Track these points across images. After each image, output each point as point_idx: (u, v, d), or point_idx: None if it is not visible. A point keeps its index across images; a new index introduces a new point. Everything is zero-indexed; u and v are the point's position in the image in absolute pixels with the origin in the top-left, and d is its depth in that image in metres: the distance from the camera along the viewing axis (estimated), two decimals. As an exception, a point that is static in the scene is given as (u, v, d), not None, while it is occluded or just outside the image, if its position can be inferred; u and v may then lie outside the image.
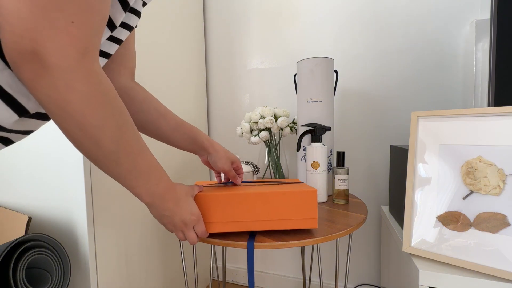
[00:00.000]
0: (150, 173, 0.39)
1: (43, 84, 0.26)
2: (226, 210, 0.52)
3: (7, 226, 0.69)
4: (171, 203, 0.43)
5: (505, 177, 0.48)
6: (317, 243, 0.66)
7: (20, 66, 0.25)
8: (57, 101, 0.27)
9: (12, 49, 0.24)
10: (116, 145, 0.33)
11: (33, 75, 0.26)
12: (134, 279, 0.84)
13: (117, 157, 0.34)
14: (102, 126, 0.31)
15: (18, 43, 0.24)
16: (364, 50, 1.04)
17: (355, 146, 1.08)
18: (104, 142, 0.32)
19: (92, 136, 0.31)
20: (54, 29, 0.24)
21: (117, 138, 0.33)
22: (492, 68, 0.61)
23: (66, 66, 0.26)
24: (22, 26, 0.23)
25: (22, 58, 0.25)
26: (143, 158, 0.37)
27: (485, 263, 0.47)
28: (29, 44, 0.24)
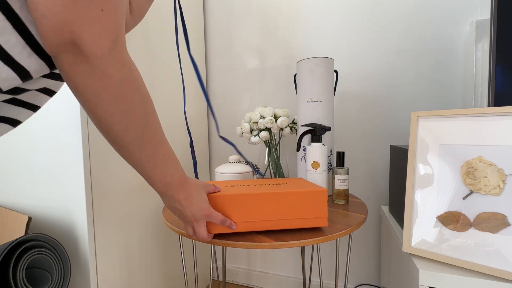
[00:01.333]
0: (167, 163, 0.40)
1: (81, 71, 0.28)
2: (239, 211, 0.52)
3: (7, 226, 0.69)
4: (182, 195, 0.44)
5: (505, 177, 0.48)
6: (317, 243, 0.66)
7: (59, 56, 0.27)
8: (94, 87, 0.29)
9: (51, 41, 0.26)
10: (142, 131, 0.35)
11: (71, 63, 0.27)
12: (134, 279, 0.84)
13: (141, 143, 0.35)
14: (132, 112, 0.33)
15: (57, 35, 0.26)
16: (364, 50, 1.04)
17: (355, 146, 1.08)
18: (132, 127, 0.33)
19: (122, 121, 0.32)
20: (87, 19, 0.26)
21: (144, 125, 0.34)
22: (492, 68, 0.61)
23: (101, 54, 0.28)
24: (58, 19, 0.25)
25: (61, 49, 0.26)
26: (163, 147, 0.39)
27: (485, 263, 0.47)
28: (67, 35, 0.26)
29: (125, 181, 0.80)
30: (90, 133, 0.68)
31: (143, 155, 0.37)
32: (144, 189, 0.88)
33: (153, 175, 0.40)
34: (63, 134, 0.67)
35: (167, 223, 0.63)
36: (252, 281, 1.29)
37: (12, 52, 0.27)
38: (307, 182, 0.69)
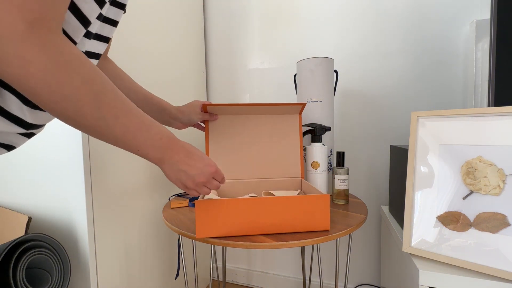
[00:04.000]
0: (148, 129, 0.38)
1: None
2: (241, 215, 0.53)
3: (7, 226, 0.69)
4: (182, 154, 0.42)
5: (505, 177, 0.48)
6: (317, 243, 0.66)
7: None
8: (17, 76, 0.26)
9: None
10: (99, 111, 0.32)
11: None
12: (134, 279, 0.84)
13: (106, 123, 0.33)
14: (76, 96, 0.30)
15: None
16: (364, 50, 1.04)
17: (355, 146, 1.08)
18: (86, 110, 0.31)
19: (69, 107, 0.30)
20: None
21: (98, 105, 0.32)
22: (492, 68, 0.61)
23: (14, 38, 0.24)
24: None
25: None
26: (134, 116, 0.36)
27: (485, 263, 0.47)
28: None
29: (125, 181, 0.80)
30: (90, 133, 0.68)
31: (116, 132, 0.35)
32: (144, 189, 0.88)
33: (139, 146, 0.38)
34: (63, 134, 0.67)
35: (167, 223, 0.63)
36: (252, 281, 1.29)
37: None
38: (308, 185, 0.69)
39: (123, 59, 0.79)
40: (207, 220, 0.52)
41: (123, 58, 0.79)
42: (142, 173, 0.87)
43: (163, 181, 0.98)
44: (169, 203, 0.79)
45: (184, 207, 0.75)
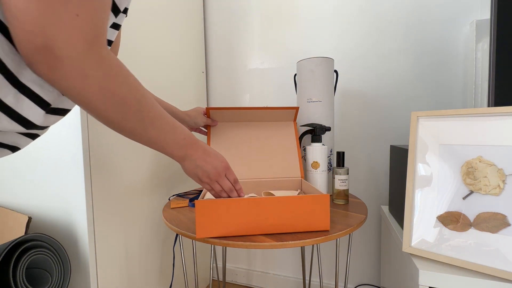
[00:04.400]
0: (175, 130, 0.44)
1: (58, 75, 0.28)
2: (242, 215, 0.53)
3: (7, 226, 0.69)
4: (200, 152, 0.49)
5: (505, 177, 0.48)
6: (317, 243, 0.66)
7: (34, 62, 0.27)
8: (76, 90, 0.30)
9: (25, 46, 0.26)
10: (140, 115, 0.37)
11: (47, 68, 0.27)
12: (134, 279, 0.84)
13: (143, 125, 0.38)
14: (124, 103, 0.34)
15: (30, 40, 0.25)
16: (364, 50, 1.04)
17: (355, 146, 1.08)
18: (130, 115, 0.36)
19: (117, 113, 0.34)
20: (60, 23, 0.26)
21: (140, 110, 0.37)
22: (492, 68, 0.61)
23: (76, 56, 0.28)
24: (31, 23, 0.25)
25: (35, 53, 0.26)
26: (165, 118, 0.42)
27: (485, 263, 0.47)
28: (40, 40, 0.25)
29: (125, 181, 0.80)
30: (90, 134, 0.68)
31: (150, 133, 0.40)
32: (144, 189, 0.88)
33: (167, 145, 0.43)
34: (63, 134, 0.67)
35: (167, 223, 0.63)
36: (252, 281, 1.29)
37: None
38: (308, 185, 0.69)
39: (122, 60, 0.79)
40: (207, 220, 0.52)
41: (123, 59, 0.79)
42: (142, 173, 0.87)
43: (163, 181, 0.98)
44: (169, 203, 0.79)
45: (184, 207, 0.75)
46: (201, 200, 0.52)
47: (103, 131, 0.72)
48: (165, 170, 0.99)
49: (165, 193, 0.99)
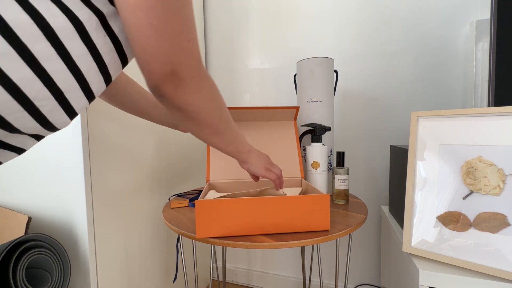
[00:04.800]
0: (240, 133, 0.54)
1: (181, 92, 0.35)
2: (242, 215, 0.53)
3: (7, 226, 0.69)
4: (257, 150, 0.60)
5: (505, 177, 0.48)
6: (317, 243, 0.66)
7: (161, 85, 0.33)
8: (194, 100, 0.37)
9: (157, 75, 0.32)
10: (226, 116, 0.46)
11: (173, 88, 0.34)
12: (134, 279, 0.84)
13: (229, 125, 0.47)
14: (219, 105, 0.42)
15: (162, 69, 0.31)
16: (364, 50, 1.04)
17: (355, 146, 1.08)
18: (223, 116, 0.44)
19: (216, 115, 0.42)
20: (181, 50, 0.32)
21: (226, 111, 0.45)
22: (492, 68, 0.61)
23: (193, 75, 0.34)
24: (163, 56, 0.31)
25: (164, 78, 0.32)
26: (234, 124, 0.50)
27: (485, 263, 0.47)
28: (169, 67, 0.32)
29: (125, 181, 0.80)
30: (90, 133, 0.68)
31: (232, 133, 0.49)
32: (144, 189, 0.88)
33: (239, 143, 0.53)
34: (63, 134, 0.67)
35: (167, 223, 0.63)
36: (252, 281, 1.29)
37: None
38: (308, 185, 0.69)
39: (123, 59, 0.79)
40: (207, 220, 0.52)
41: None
42: (142, 173, 0.87)
43: (163, 181, 0.98)
44: (169, 203, 0.79)
45: (184, 207, 0.75)
46: (201, 200, 0.52)
47: (103, 131, 0.72)
48: (165, 170, 0.99)
49: (165, 193, 0.99)
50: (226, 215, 0.52)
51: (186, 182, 1.12)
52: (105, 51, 0.31)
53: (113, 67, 0.33)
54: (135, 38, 0.30)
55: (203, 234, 0.53)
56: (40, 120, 0.30)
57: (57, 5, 0.26)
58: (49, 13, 0.25)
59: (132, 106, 0.62)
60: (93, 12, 0.29)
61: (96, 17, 0.29)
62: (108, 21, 0.30)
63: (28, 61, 0.25)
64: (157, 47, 0.30)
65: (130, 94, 0.60)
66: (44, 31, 0.26)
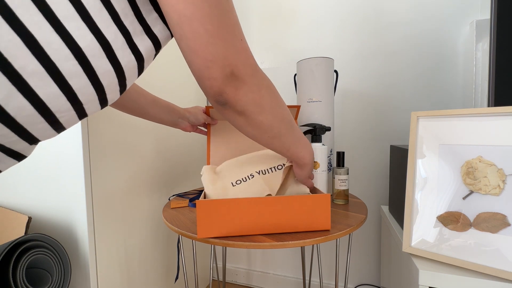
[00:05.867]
0: (304, 136, 0.52)
1: (243, 92, 0.35)
2: (242, 214, 0.53)
3: (7, 226, 0.69)
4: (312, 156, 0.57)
5: (505, 177, 0.48)
6: (317, 243, 0.66)
7: (224, 90, 0.33)
8: (255, 99, 0.36)
9: (219, 80, 0.32)
10: (288, 115, 0.44)
11: (235, 90, 0.34)
12: (134, 279, 0.84)
13: (291, 125, 0.45)
14: (280, 103, 0.41)
15: (223, 73, 0.32)
16: (364, 50, 1.04)
17: (355, 146, 1.08)
18: (285, 115, 0.43)
19: (278, 114, 0.41)
20: (237, 50, 0.32)
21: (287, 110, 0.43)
22: (492, 68, 0.61)
23: (252, 72, 0.35)
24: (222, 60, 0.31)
25: (226, 82, 0.33)
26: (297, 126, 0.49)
27: (485, 263, 0.47)
28: (229, 69, 0.32)
29: (125, 181, 0.80)
30: (90, 133, 0.68)
31: (295, 135, 0.47)
32: (144, 189, 0.88)
33: (303, 149, 0.51)
34: (63, 134, 0.67)
35: (167, 223, 0.63)
36: (252, 281, 1.29)
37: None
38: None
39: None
40: (208, 220, 0.52)
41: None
42: (142, 173, 0.87)
43: (163, 181, 0.98)
44: (169, 203, 0.79)
45: (184, 207, 0.75)
46: (202, 200, 0.52)
47: (103, 132, 0.72)
48: (165, 170, 0.99)
49: (165, 193, 0.99)
50: (226, 215, 0.52)
51: (186, 182, 1.12)
52: (128, 67, 0.32)
53: (131, 80, 0.34)
54: (194, 50, 0.30)
55: (204, 234, 0.53)
56: (58, 129, 0.31)
57: (87, 23, 0.27)
58: (78, 33, 0.26)
59: (130, 105, 0.62)
60: (120, 31, 0.29)
61: (122, 36, 0.29)
62: (134, 39, 0.31)
63: (56, 78, 0.26)
64: (215, 52, 0.30)
65: (128, 93, 0.60)
66: (73, 50, 0.26)
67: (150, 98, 0.64)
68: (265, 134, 0.42)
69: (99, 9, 0.27)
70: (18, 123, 0.27)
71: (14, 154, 0.31)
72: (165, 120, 0.68)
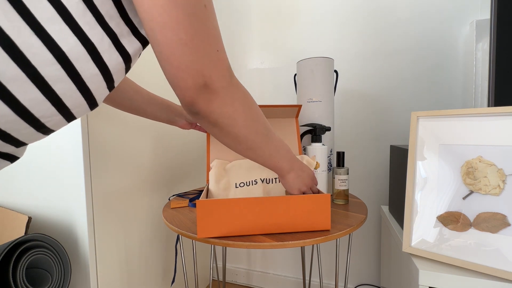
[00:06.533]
0: (282, 145, 0.49)
1: (216, 105, 0.34)
2: (242, 214, 0.53)
3: (7, 226, 0.69)
4: (298, 164, 0.53)
5: (505, 177, 0.48)
6: (317, 243, 0.66)
7: (197, 101, 0.32)
8: (229, 113, 0.35)
9: (192, 90, 0.31)
10: (265, 128, 0.42)
11: (207, 102, 0.33)
12: (134, 279, 0.84)
13: (267, 138, 0.43)
14: (256, 117, 0.40)
15: (195, 83, 0.31)
16: (364, 50, 1.04)
17: (355, 146, 1.08)
18: (260, 129, 0.41)
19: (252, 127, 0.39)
20: (211, 61, 0.31)
21: (264, 123, 0.42)
22: (492, 68, 0.61)
23: (226, 85, 0.33)
24: (194, 69, 0.30)
25: (198, 93, 0.32)
26: (277, 136, 0.47)
27: (485, 263, 0.47)
28: (202, 80, 0.31)
29: (125, 181, 0.80)
30: (90, 133, 0.68)
31: (271, 147, 0.45)
32: (144, 189, 0.88)
33: (280, 159, 0.48)
34: (64, 134, 0.67)
35: (167, 223, 0.63)
36: (252, 281, 1.29)
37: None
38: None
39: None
40: (208, 220, 0.52)
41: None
42: (142, 173, 0.87)
43: (163, 181, 0.98)
44: (169, 203, 0.79)
45: (184, 207, 0.75)
46: (202, 200, 0.52)
47: (103, 132, 0.72)
48: (165, 170, 0.99)
49: (165, 193, 0.99)
50: (227, 215, 0.52)
51: (186, 182, 1.12)
52: (116, 69, 0.31)
53: (118, 79, 0.33)
54: (166, 57, 0.29)
55: (204, 234, 0.53)
56: (45, 132, 0.30)
57: (70, 26, 0.26)
58: (60, 36, 0.25)
59: (127, 103, 0.61)
60: (106, 33, 0.28)
61: (108, 38, 0.29)
62: (121, 41, 0.30)
63: (38, 84, 0.26)
64: (188, 62, 0.29)
65: (125, 90, 0.60)
66: (55, 54, 0.25)
67: (147, 96, 0.64)
68: (240, 146, 0.41)
69: (83, 11, 0.26)
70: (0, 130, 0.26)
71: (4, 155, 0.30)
72: (161, 117, 0.67)
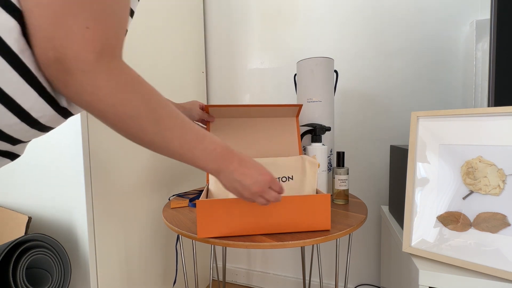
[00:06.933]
0: (202, 140, 0.39)
1: (73, 88, 0.28)
2: (243, 214, 0.53)
3: (7, 226, 0.69)
4: (236, 162, 0.43)
5: (505, 177, 0.48)
6: (317, 243, 0.66)
7: (52, 76, 0.27)
8: (89, 101, 0.29)
9: (41, 61, 0.27)
10: (158, 126, 0.34)
11: (62, 81, 0.27)
12: (134, 279, 0.84)
13: (163, 137, 0.35)
14: (138, 114, 0.32)
15: (44, 54, 0.26)
16: (364, 50, 1.04)
17: (355, 146, 1.08)
18: (146, 126, 0.33)
19: (133, 125, 0.32)
20: (70, 36, 0.26)
21: (156, 120, 0.34)
22: (492, 68, 0.61)
23: (86, 68, 0.27)
24: (44, 37, 0.25)
25: (49, 68, 0.27)
26: (188, 129, 0.37)
27: (485, 263, 0.47)
28: (52, 53, 0.26)
29: (125, 181, 0.80)
30: (90, 133, 0.68)
31: (174, 145, 0.36)
32: (144, 189, 0.88)
33: (195, 158, 0.39)
34: (63, 134, 0.67)
35: (167, 223, 0.63)
36: (252, 281, 1.29)
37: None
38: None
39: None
40: (208, 220, 0.52)
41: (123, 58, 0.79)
42: (142, 173, 0.87)
43: (163, 181, 0.98)
44: (169, 203, 0.79)
45: (184, 207, 0.75)
46: (202, 200, 0.52)
47: (103, 132, 0.72)
48: (165, 170, 0.99)
49: (165, 193, 0.99)
50: (226, 215, 0.52)
51: (186, 182, 1.12)
52: None
53: None
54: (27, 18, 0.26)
55: (204, 234, 0.53)
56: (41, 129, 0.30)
57: None
58: None
59: None
60: None
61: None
62: None
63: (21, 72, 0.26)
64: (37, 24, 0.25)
65: None
66: None
67: None
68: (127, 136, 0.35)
69: None
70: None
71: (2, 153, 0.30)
72: None
